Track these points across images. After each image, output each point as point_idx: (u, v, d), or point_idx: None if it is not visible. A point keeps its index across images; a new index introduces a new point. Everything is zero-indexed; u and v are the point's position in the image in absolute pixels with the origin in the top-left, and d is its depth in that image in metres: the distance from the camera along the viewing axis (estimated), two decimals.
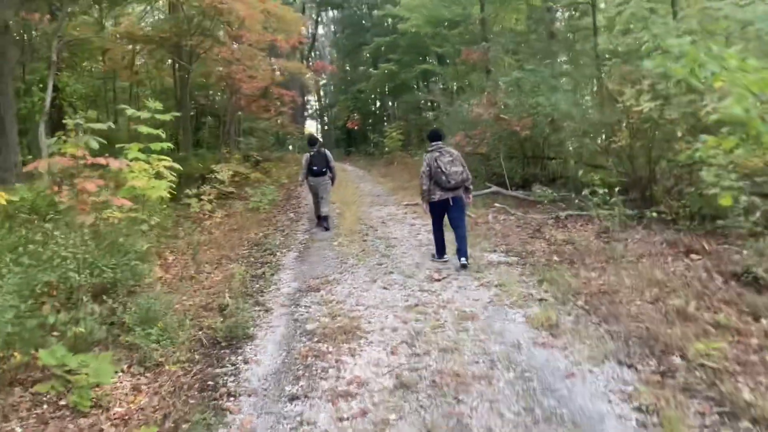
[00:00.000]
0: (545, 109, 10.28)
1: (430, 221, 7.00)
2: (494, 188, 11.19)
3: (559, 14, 20.80)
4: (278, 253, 7.75)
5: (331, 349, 4.21)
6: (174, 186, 13.56)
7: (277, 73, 16.02)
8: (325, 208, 9.58)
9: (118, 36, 12.51)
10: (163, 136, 6.62)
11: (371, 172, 21.82)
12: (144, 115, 6.54)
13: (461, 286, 5.49)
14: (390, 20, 30.43)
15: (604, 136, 9.19)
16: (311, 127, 49.09)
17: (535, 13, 19.76)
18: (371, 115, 39.03)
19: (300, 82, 35.04)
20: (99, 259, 5.11)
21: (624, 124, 8.99)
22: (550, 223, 8.72)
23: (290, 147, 35.29)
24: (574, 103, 9.89)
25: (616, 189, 7.91)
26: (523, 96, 11.12)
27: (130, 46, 13.33)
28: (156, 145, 6.34)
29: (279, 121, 19.57)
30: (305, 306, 5.24)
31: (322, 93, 47.89)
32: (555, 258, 6.44)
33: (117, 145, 6.56)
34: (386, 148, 26.86)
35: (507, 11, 19.92)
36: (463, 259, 6.26)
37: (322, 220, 9.61)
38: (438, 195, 6.48)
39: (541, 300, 4.91)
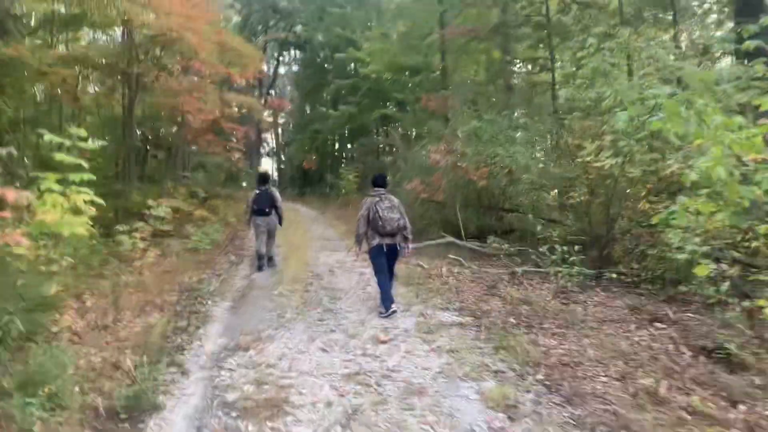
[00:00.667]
0: (503, 160, 9.99)
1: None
2: (449, 238, 10.74)
3: (517, 68, 21.09)
4: (210, 302, 7.01)
5: (250, 428, 3.52)
6: (108, 221, 12.68)
7: (232, 107, 15.39)
8: (267, 248, 9.45)
9: (58, 58, 11.72)
10: (86, 165, 5.89)
11: (325, 213, 21.24)
12: (66, 142, 5.81)
13: (409, 351, 4.89)
14: (352, 64, 30.47)
15: (560, 191, 8.88)
16: (267, 165, 48.46)
17: (494, 65, 19.95)
18: (328, 156, 38.64)
19: (256, 118, 34.58)
20: None
21: (582, 180, 8.73)
22: (505, 278, 8.27)
23: (243, 184, 34.46)
24: (531, 155, 9.61)
25: (575, 247, 7.54)
26: (481, 145, 10.84)
27: (73, 71, 12.54)
28: (75, 176, 5.62)
29: (232, 157, 18.86)
30: (229, 369, 4.54)
31: (279, 131, 47.48)
32: (511, 320, 5.93)
33: (32, 174, 5.82)
34: (342, 190, 26.39)
35: (467, 62, 20.01)
36: (393, 306, 6.24)
37: (262, 260, 9.32)
38: (376, 240, 6.48)
39: (497, 372, 4.35)
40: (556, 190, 8.87)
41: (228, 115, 15.66)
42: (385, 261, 6.49)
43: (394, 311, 6.17)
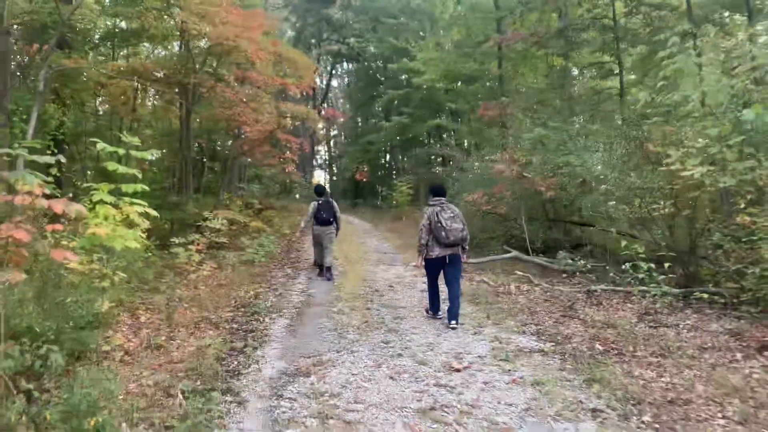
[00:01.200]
0: (575, 170, 9.33)
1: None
2: (514, 253, 10.12)
3: (575, 73, 20.22)
4: (267, 319, 6.64)
5: None
6: (164, 233, 12.61)
7: (286, 118, 15.23)
8: (329, 257, 9.51)
9: (116, 70, 11.78)
10: (140, 176, 5.63)
11: (378, 226, 20.83)
12: (120, 151, 5.56)
13: (488, 382, 4.34)
14: (405, 75, 30.16)
15: (640, 204, 8.16)
16: (320, 176, 48.63)
17: (554, 72, 19.19)
18: (380, 168, 38.41)
19: (310, 130, 34.66)
20: (32, 327, 4.05)
21: (666, 191, 8.00)
22: (581, 298, 7.62)
23: (297, 196, 34.54)
24: (608, 164, 8.91)
25: (665, 264, 6.82)
26: (548, 154, 10.20)
27: (132, 83, 12.62)
28: (128, 187, 5.35)
29: (286, 169, 18.74)
30: (289, 398, 4.10)
31: (332, 143, 47.63)
32: (598, 346, 5.31)
33: (83, 185, 5.61)
34: (394, 202, 25.99)
35: (525, 69, 19.31)
36: (453, 322, 6.13)
37: (324, 271, 9.47)
38: (436, 252, 6.35)
39: (594, 411, 3.76)
40: (636, 203, 8.13)
41: (283, 126, 15.49)
42: (440, 273, 6.48)
43: (455, 327, 6.05)
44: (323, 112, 18.55)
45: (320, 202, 9.50)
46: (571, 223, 11.42)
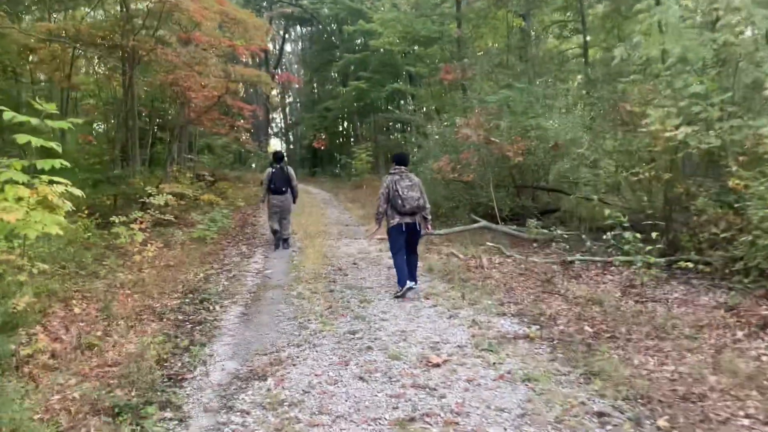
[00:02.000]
0: (546, 133, 8.79)
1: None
2: (483, 223, 9.61)
3: (537, 35, 19.64)
4: (218, 307, 5.94)
5: None
6: (106, 210, 11.62)
7: (236, 83, 14.16)
8: (287, 229, 9.46)
9: (44, 33, 10.58)
10: (59, 149, 4.77)
11: (338, 195, 20.13)
12: (32, 121, 4.68)
13: (472, 379, 3.77)
14: (361, 38, 29.10)
15: (619, 167, 7.70)
16: (276, 145, 47.29)
17: (513, 33, 18.58)
18: (338, 136, 37.48)
19: (264, 97, 33.37)
20: None
21: (644, 153, 7.55)
22: (557, 270, 7.15)
23: (252, 165, 33.38)
24: (581, 126, 8.40)
25: (653, 234, 6.36)
26: (516, 117, 9.63)
27: (63, 46, 11.40)
28: (44, 163, 4.50)
29: (239, 138, 17.74)
30: (242, 411, 3.46)
31: (287, 110, 46.24)
32: (587, 328, 4.81)
33: None
34: (354, 171, 25.23)
35: (485, 29, 18.61)
36: (411, 282, 6.13)
37: (278, 240, 9.41)
38: (396, 219, 6.33)
39: (600, 416, 3.23)
40: (611, 167, 7.67)
41: (233, 92, 14.46)
42: (404, 241, 6.34)
43: (410, 288, 6.07)
44: (277, 77, 17.49)
45: (274, 170, 9.30)
46: (539, 189, 10.98)
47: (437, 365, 4.03)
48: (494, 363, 4.03)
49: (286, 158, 10.93)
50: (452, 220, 11.12)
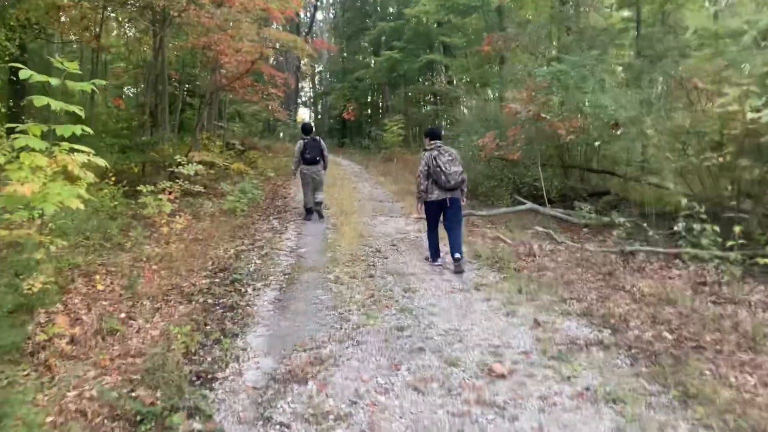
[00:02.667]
0: (604, 110, 8.08)
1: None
2: (529, 204, 8.99)
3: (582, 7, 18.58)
4: (250, 290, 5.49)
5: None
6: (134, 178, 11.24)
7: (270, 48, 13.54)
8: (320, 195, 9.45)
9: None
10: (82, 114, 4.29)
11: (369, 168, 19.56)
12: (53, 81, 4.20)
13: (546, 397, 3.25)
14: (396, 5, 28.18)
15: (687, 149, 7.01)
16: (304, 115, 46.80)
17: (557, 4, 17.58)
18: (368, 107, 36.71)
19: (294, 66, 32.75)
20: None
21: (716, 135, 6.84)
22: (616, 260, 6.54)
23: (281, 135, 32.94)
24: (643, 104, 7.68)
25: (735, 228, 5.71)
26: (570, 92, 8.91)
27: (94, 5, 10.93)
28: (64, 129, 4.02)
29: (269, 106, 17.21)
30: (281, 423, 2.99)
31: (317, 80, 45.57)
32: (666, 334, 4.24)
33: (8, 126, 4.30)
34: (384, 143, 24.57)
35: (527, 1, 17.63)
36: (457, 254, 6.11)
37: (311, 213, 9.42)
38: (435, 194, 6.28)
39: None
40: (680, 149, 6.98)
41: (266, 57, 13.87)
42: (440, 217, 6.39)
43: (459, 258, 6.06)
44: (312, 44, 16.83)
45: (306, 140, 9.23)
46: (588, 171, 10.27)
47: (502, 376, 3.51)
48: (569, 376, 3.49)
49: (314, 129, 10.51)
50: (493, 199, 10.52)
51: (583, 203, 8.98)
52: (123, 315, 4.87)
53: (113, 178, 10.32)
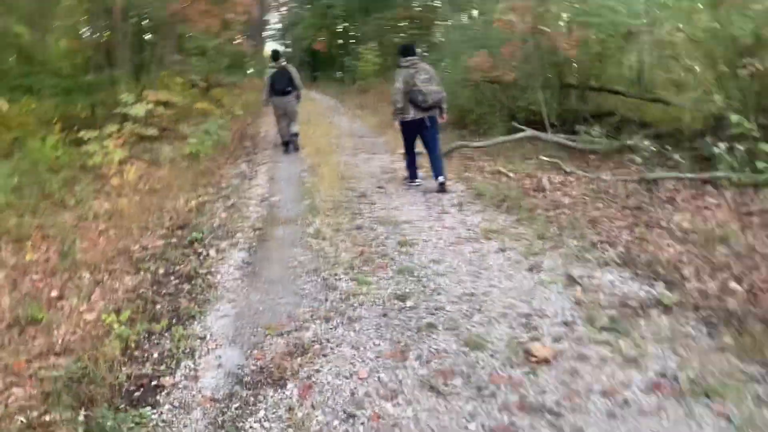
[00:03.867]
0: (615, 17, 7.00)
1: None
2: (530, 132, 7.99)
3: None
4: (213, 251, 4.52)
5: None
6: (84, 124, 9.97)
7: None
8: (295, 127, 9.08)
9: None
10: None
11: (344, 102, 18.36)
12: None
13: (611, 392, 2.37)
14: None
15: (714, 61, 6.03)
16: (273, 47, 44.52)
17: None
18: (340, 36, 34.73)
19: None
20: None
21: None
22: (639, 190, 5.66)
23: (250, 71, 31.09)
24: (662, 6, 6.63)
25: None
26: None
27: None
28: None
29: (233, 38, 15.71)
30: None
31: (284, 10, 43.09)
32: (733, 285, 3.38)
33: None
34: (359, 74, 23.15)
35: None
36: (440, 177, 6.04)
37: (288, 144, 9.11)
38: (412, 114, 6.08)
39: None
40: (712, 56, 5.99)
41: None
42: (417, 137, 6.24)
43: (443, 183, 5.99)
44: None
45: (275, 70, 8.81)
46: (590, 90, 9.24)
47: (546, 361, 2.64)
48: (634, 357, 2.62)
49: (283, 56, 9.53)
50: (484, 128, 9.49)
51: (591, 127, 8.06)
52: (54, 294, 3.91)
53: (57, 125, 9.10)
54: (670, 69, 6.62)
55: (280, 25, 43.48)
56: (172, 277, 4.04)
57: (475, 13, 12.51)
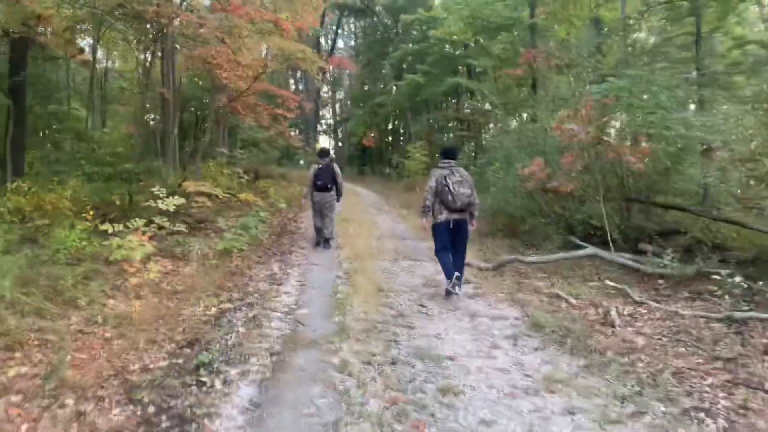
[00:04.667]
0: (689, 132, 6.37)
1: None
2: (591, 249, 7.24)
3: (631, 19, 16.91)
4: (218, 383, 3.81)
5: None
6: (119, 214, 9.72)
7: (273, 63, 11.92)
8: (329, 228, 9.04)
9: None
10: None
11: (389, 199, 18.01)
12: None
13: None
14: (420, 27, 26.89)
15: None
16: (325, 142, 45.71)
17: (592, 23, 15.96)
18: (389, 134, 35.35)
19: (314, 92, 31.64)
20: None
21: None
22: (726, 332, 4.77)
23: (301, 162, 31.59)
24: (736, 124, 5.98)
25: None
26: (640, 111, 7.21)
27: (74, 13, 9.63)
28: None
29: (282, 131, 15.77)
30: None
31: (338, 107, 44.57)
32: None
33: None
34: (406, 171, 23.02)
35: (573, 9, 16.09)
36: (457, 273, 5.93)
37: (320, 236, 9.07)
38: (444, 216, 6.10)
39: None
40: None
41: (271, 70, 12.36)
42: (449, 239, 6.12)
43: (459, 277, 5.92)
44: (330, 58, 15.31)
45: (320, 166, 8.84)
46: (655, 206, 8.49)
47: None
48: None
49: (332, 155, 9.33)
50: (538, 240, 8.78)
51: (653, 246, 7.27)
52: (24, 428, 3.26)
53: (91, 212, 8.85)
54: (746, 187, 5.81)
55: (333, 121, 44.81)
56: (164, 417, 3.34)
57: (525, 116, 12.12)
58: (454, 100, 27.14)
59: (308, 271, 7.41)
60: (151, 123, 16.95)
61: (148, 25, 9.96)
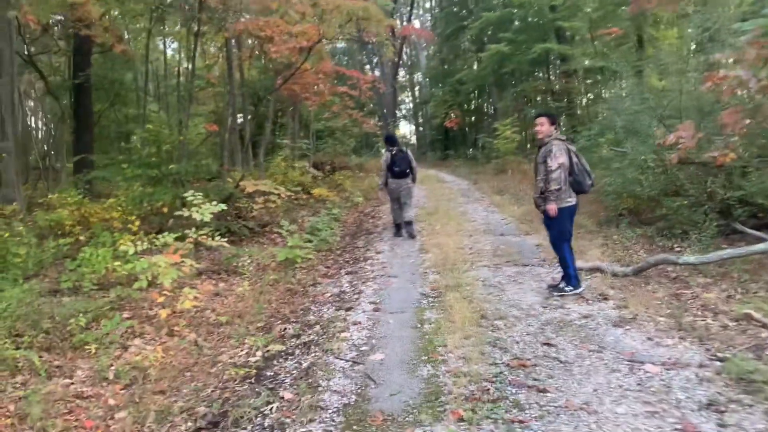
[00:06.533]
0: None
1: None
2: (763, 245, 5.14)
3: None
4: None
5: None
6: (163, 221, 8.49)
7: (335, 26, 9.93)
8: (409, 212, 8.52)
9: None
10: None
11: (479, 185, 16.11)
12: None
13: None
14: None
15: None
16: (405, 129, 44.18)
17: None
18: (473, 113, 33.11)
19: (391, 75, 30.10)
20: None
21: None
22: None
23: (382, 151, 30.21)
24: None
25: None
26: None
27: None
28: None
29: (351, 115, 14.27)
30: None
31: (416, 90, 42.80)
32: None
33: None
34: (496, 152, 20.90)
35: None
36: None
37: (403, 228, 8.53)
38: (574, 199, 5.04)
39: None
40: None
41: (329, 37, 10.70)
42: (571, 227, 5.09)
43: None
44: (404, 28, 13.49)
45: (393, 152, 8.42)
46: None
47: None
48: None
49: (399, 141, 9.46)
50: (684, 228, 6.70)
51: None
52: None
53: (136, 224, 7.70)
54: None
55: (412, 105, 43.18)
56: None
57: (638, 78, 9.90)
58: (539, 73, 24.71)
59: (385, 286, 5.80)
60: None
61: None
